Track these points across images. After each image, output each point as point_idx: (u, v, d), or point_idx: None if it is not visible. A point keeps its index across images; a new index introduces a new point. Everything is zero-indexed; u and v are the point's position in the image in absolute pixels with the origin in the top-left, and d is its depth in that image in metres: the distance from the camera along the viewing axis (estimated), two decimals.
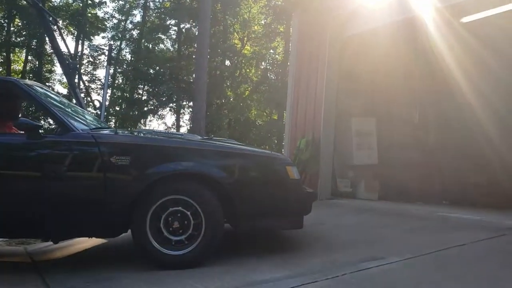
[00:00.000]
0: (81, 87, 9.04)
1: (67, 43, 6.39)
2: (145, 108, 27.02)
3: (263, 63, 28.67)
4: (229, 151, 3.69)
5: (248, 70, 28.20)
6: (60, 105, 3.73)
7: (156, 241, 3.28)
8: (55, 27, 6.43)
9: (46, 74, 27.26)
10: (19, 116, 4.13)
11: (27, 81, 3.91)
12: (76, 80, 6.69)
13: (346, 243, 3.85)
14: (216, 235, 3.34)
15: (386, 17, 5.99)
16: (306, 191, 3.83)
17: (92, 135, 3.40)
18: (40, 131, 3.32)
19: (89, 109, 11.26)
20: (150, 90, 27.33)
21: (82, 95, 8.61)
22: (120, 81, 28.86)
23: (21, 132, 3.52)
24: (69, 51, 9.15)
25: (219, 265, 3.35)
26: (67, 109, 3.80)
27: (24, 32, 25.50)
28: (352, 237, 4.04)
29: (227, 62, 27.33)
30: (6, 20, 24.86)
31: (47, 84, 27.04)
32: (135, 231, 3.30)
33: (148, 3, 28.60)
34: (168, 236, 3.29)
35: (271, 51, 28.25)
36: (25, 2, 19.22)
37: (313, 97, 6.97)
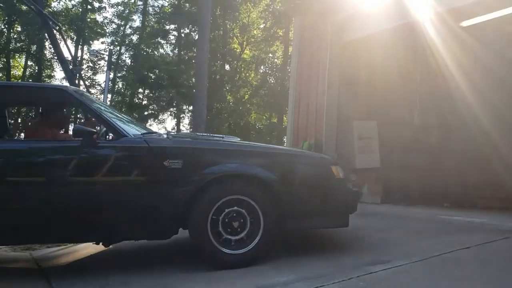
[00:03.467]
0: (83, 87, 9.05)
1: (65, 48, 6.42)
2: (146, 113, 27.02)
3: (262, 67, 28.76)
4: (278, 152, 3.88)
5: (247, 74, 28.27)
6: (108, 111, 3.80)
7: (217, 242, 3.33)
8: (58, 33, 6.46)
9: (46, 79, 27.25)
10: (67, 123, 4.20)
11: (74, 88, 3.98)
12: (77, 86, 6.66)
13: (351, 246, 3.88)
14: (273, 233, 3.45)
15: (387, 22, 6.04)
16: (352, 190, 3.92)
17: (144, 139, 3.46)
18: (94, 136, 3.38)
19: None
20: (150, 94, 27.35)
21: None
22: (120, 86, 28.89)
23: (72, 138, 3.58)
24: (72, 57, 9.19)
25: (226, 269, 3.38)
26: (115, 115, 3.85)
27: (24, 38, 25.52)
28: (357, 241, 4.06)
29: (227, 66, 27.39)
30: (6, 26, 24.88)
31: None
32: (194, 232, 3.35)
33: (147, 8, 28.68)
34: (228, 236, 3.36)
35: (270, 55, 28.35)
36: (25, 7, 19.33)
37: (314, 101, 7.01)
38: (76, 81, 6.42)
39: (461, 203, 6.68)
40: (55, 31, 6.17)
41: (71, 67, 6.33)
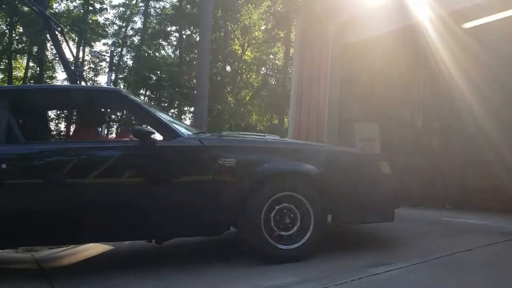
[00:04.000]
0: None
1: (67, 49, 6.44)
2: None
3: (263, 69, 28.78)
4: (327, 149, 3.99)
5: (248, 76, 28.30)
6: (160, 112, 3.88)
7: (270, 237, 3.40)
8: (61, 35, 6.48)
9: (48, 80, 27.30)
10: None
11: (126, 90, 4.12)
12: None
13: (353, 248, 3.87)
14: (323, 229, 3.54)
15: (389, 24, 6.05)
16: (396, 186, 4.01)
17: (198, 139, 3.56)
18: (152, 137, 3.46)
19: None
20: (152, 95, 27.38)
21: None
22: (122, 87, 28.93)
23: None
24: (74, 59, 9.20)
25: (228, 269, 3.38)
26: (166, 116, 3.97)
27: (26, 39, 25.56)
28: (358, 242, 4.05)
29: (228, 68, 27.43)
30: (8, 27, 24.93)
31: None
32: (247, 229, 3.42)
33: (149, 10, 28.72)
34: (280, 232, 3.43)
35: (271, 56, 28.38)
36: (27, 8, 19.35)
37: (316, 103, 7.02)
38: (78, 83, 6.41)
39: (462, 205, 6.68)
40: (57, 33, 6.18)
41: (73, 68, 6.34)
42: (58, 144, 3.66)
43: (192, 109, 24.02)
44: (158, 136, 3.62)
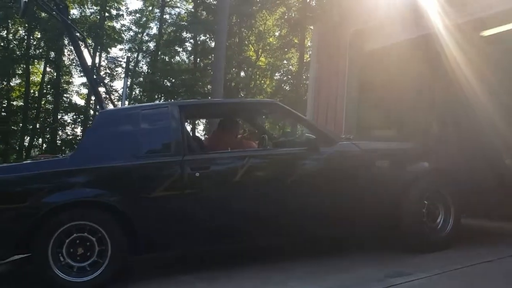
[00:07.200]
0: (104, 96, 9.19)
1: (86, 55, 6.51)
2: None
3: (277, 74, 28.79)
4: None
5: (262, 81, 28.34)
6: (311, 121, 4.29)
7: (427, 226, 3.84)
8: (82, 43, 6.60)
9: (64, 85, 27.64)
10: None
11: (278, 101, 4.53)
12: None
13: (371, 257, 3.85)
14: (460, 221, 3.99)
15: (407, 33, 6.04)
16: None
17: (354, 144, 3.90)
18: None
19: None
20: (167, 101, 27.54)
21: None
22: (137, 92, 29.17)
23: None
24: (94, 66, 9.33)
25: (246, 277, 3.40)
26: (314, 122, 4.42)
27: (43, 44, 25.91)
28: (377, 252, 4.03)
29: (242, 74, 27.50)
30: (26, 33, 25.32)
31: (64, 95, 27.47)
32: (408, 221, 3.77)
33: (164, 16, 28.97)
34: (430, 224, 3.85)
35: (285, 61, 28.36)
36: (44, 14, 19.66)
37: (333, 110, 7.02)
38: (99, 89, 6.53)
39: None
40: (80, 43, 6.29)
41: (95, 76, 6.45)
42: (237, 152, 3.99)
43: None
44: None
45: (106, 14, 27.71)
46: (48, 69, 27.30)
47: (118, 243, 3.30)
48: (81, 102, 28.67)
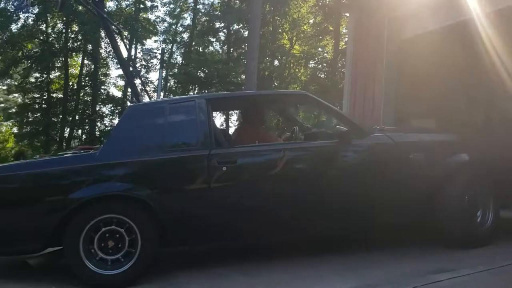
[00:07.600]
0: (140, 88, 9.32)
1: (122, 47, 6.58)
2: None
3: (311, 62, 28.47)
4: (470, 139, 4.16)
5: (296, 70, 28.10)
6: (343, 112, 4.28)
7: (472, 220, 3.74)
8: (119, 37, 6.66)
9: (102, 77, 28.24)
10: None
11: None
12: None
13: (412, 253, 3.73)
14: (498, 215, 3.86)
15: (445, 19, 5.81)
16: None
17: (388, 136, 3.81)
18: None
19: None
20: (201, 92, 27.73)
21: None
22: (172, 83, 29.48)
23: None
24: (130, 58, 9.45)
25: (281, 272, 3.36)
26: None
27: (80, 37, 26.52)
28: (417, 247, 3.90)
29: (276, 62, 27.34)
30: (64, 27, 25.95)
31: (102, 87, 28.10)
32: (447, 213, 3.67)
33: (198, 6, 29.06)
34: (476, 219, 3.76)
35: (320, 49, 28.00)
36: (81, 7, 20.07)
37: (371, 98, 6.86)
38: (135, 81, 6.59)
39: None
40: (116, 36, 6.36)
41: (131, 69, 6.53)
42: (264, 146, 3.88)
43: None
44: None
45: (141, 6, 28.05)
46: (86, 61, 28.00)
47: (148, 235, 3.32)
48: (118, 93, 29.29)
